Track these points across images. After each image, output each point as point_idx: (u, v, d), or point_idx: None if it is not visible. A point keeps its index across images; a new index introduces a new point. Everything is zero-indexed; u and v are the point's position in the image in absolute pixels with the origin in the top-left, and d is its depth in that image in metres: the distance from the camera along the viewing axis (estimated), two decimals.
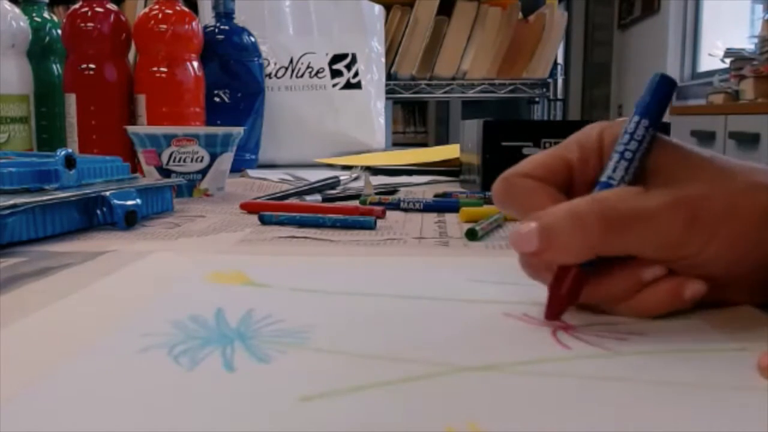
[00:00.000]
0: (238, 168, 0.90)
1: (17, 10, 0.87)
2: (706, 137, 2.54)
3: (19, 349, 0.25)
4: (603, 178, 0.29)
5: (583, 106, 4.52)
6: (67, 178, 0.50)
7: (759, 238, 0.27)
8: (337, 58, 1.17)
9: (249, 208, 0.59)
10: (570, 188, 0.30)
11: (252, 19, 1.08)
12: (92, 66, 0.84)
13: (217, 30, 1.00)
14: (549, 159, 0.30)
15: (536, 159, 0.31)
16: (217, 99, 0.99)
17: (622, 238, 0.27)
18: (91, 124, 0.85)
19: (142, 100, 0.86)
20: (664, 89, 0.30)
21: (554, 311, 0.28)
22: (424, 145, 3.29)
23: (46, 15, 0.95)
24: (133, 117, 0.87)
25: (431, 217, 0.57)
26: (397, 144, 2.38)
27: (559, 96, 1.93)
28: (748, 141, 2.26)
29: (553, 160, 0.30)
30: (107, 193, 0.50)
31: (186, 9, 0.88)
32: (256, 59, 1.03)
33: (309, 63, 1.15)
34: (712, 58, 3.11)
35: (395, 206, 0.60)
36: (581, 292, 0.28)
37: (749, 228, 0.27)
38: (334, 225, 0.51)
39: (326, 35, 1.17)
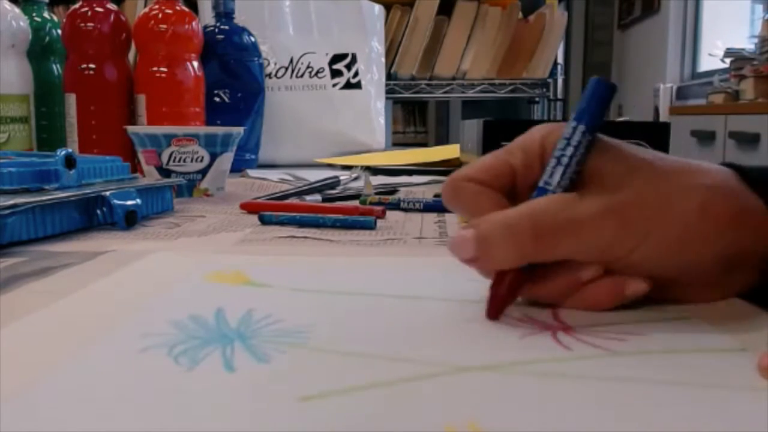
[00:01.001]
0: (238, 168, 0.90)
1: (17, 10, 0.87)
2: (706, 137, 2.54)
3: (19, 349, 0.25)
4: (540, 183, 0.29)
5: None
6: (67, 178, 0.50)
7: (690, 239, 0.28)
8: (337, 58, 1.17)
9: (249, 208, 0.59)
10: (514, 192, 0.31)
11: (252, 19, 1.08)
12: (92, 66, 0.84)
13: (217, 30, 1.00)
14: (494, 163, 0.31)
15: (482, 163, 0.31)
16: (217, 99, 0.99)
17: (554, 246, 0.28)
18: (91, 124, 0.85)
19: (142, 100, 0.86)
20: (602, 93, 0.30)
21: (495, 310, 0.29)
22: (424, 145, 3.29)
23: (46, 15, 0.95)
24: (133, 117, 0.87)
25: (431, 217, 0.57)
26: (397, 144, 2.38)
27: (559, 96, 1.93)
28: (748, 141, 2.26)
29: (498, 165, 0.31)
30: (107, 193, 0.50)
31: (186, 9, 0.88)
32: (256, 59, 1.03)
33: (309, 63, 1.15)
34: (712, 58, 3.11)
35: (395, 206, 0.60)
36: (520, 291, 0.29)
37: (680, 230, 0.28)
38: (334, 225, 0.51)
39: (326, 35, 1.17)
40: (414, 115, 3.86)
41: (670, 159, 0.30)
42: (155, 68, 0.86)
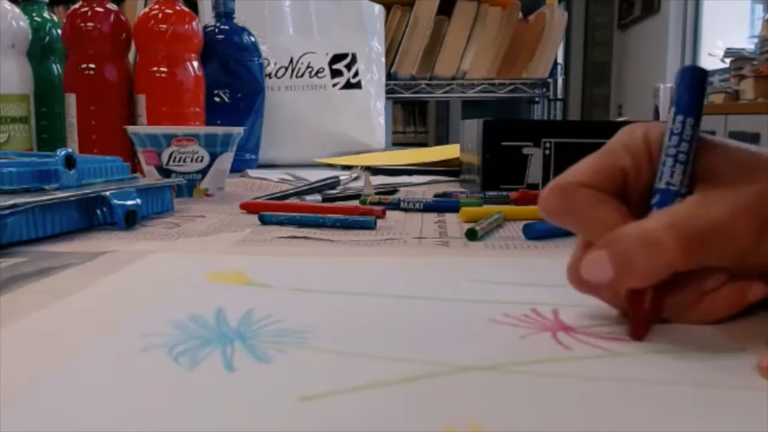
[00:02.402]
0: (238, 168, 0.90)
1: (17, 10, 0.87)
2: None
3: (19, 349, 0.25)
4: (661, 185, 0.27)
5: (583, 106, 4.52)
6: (67, 178, 0.50)
7: None
8: (337, 58, 1.17)
9: (249, 208, 0.59)
10: (624, 196, 0.29)
11: (252, 19, 1.08)
12: (92, 66, 0.84)
13: (217, 30, 1.00)
14: (603, 166, 0.28)
15: (588, 167, 0.28)
16: (217, 99, 0.99)
17: (701, 255, 0.26)
18: (91, 124, 0.85)
19: (142, 100, 0.86)
20: (698, 81, 0.28)
21: (641, 330, 0.26)
22: (424, 145, 3.29)
23: (46, 15, 0.95)
24: (133, 117, 0.87)
25: (431, 217, 0.57)
26: (397, 144, 2.38)
27: (559, 96, 1.93)
28: (748, 141, 2.26)
29: (608, 168, 0.28)
30: (107, 193, 0.50)
31: (186, 9, 0.88)
32: (256, 59, 1.03)
33: (309, 63, 1.15)
34: (712, 58, 3.11)
35: (395, 206, 0.60)
36: (663, 305, 0.27)
37: None
38: (334, 225, 0.51)
39: (326, 35, 1.17)
40: (414, 115, 3.86)
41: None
42: (155, 68, 0.86)
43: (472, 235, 0.47)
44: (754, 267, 0.27)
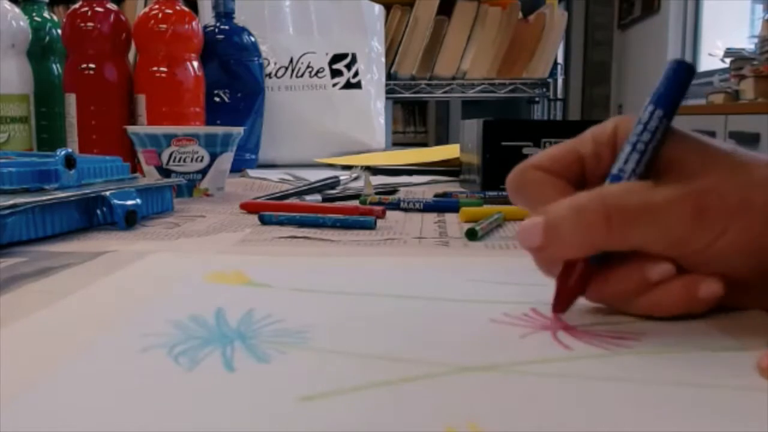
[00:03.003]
0: (238, 168, 0.90)
1: (17, 10, 0.87)
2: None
3: (19, 349, 0.25)
4: (614, 171, 0.28)
5: (583, 106, 4.52)
6: (67, 178, 0.50)
7: None
8: (337, 58, 1.17)
9: (249, 208, 0.59)
10: (583, 182, 0.30)
11: (252, 19, 1.08)
12: (92, 66, 0.84)
13: (217, 30, 1.00)
14: (562, 152, 0.30)
15: (550, 152, 0.30)
16: (217, 99, 0.99)
17: (627, 233, 0.26)
18: (91, 124, 0.85)
19: (142, 100, 0.86)
20: (681, 76, 0.28)
21: (562, 304, 0.28)
22: (424, 145, 3.29)
23: (46, 15, 0.95)
24: (133, 117, 0.87)
25: (431, 217, 0.57)
26: (397, 144, 2.38)
27: (559, 96, 1.93)
28: (748, 141, 2.26)
29: (567, 153, 0.30)
30: (107, 193, 0.50)
31: (186, 9, 0.88)
32: (256, 59, 1.03)
33: (309, 63, 1.15)
34: (712, 58, 3.11)
35: (395, 206, 0.60)
36: (588, 285, 0.28)
37: (760, 226, 0.26)
38: (334, 225, 0.51)
39: (326, 35, 1.17)
40: (414, 115, 3.86)
41: (748, 152, 0.28)
42: (155, 68, 0.86)
43: (472, 235, 0.47)
44: (698, 263, 0.27)
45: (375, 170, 0.95)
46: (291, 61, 1.15)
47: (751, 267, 0.27)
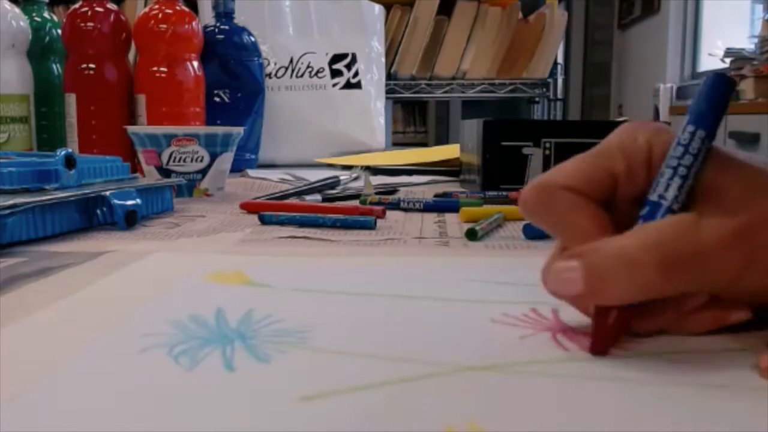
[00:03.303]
0: (238, 168, 0.90)
1: (17, 10, 0.87)
2: None
3: (19, 349, 0.25)
4: (653, 197, 0.25)
5: (583, 106, 4.52)
6: (67, 178, 0.50)
7: None
8: (337, 58, 1.17)
9: (249, 208, 0.59)
10: (612, 201, 0.27)
11: (252, 19, 1.08)
12: (92, 66, 0.84)
13: (217, 30, 1.00)
14: (592, 169, 0.27)
15: (576, 167, 0.27)
16: (217, 99, 0.99)
17: (683, 282, 0.24)
18: (91, 124, 0.85)
19: (142, 100, 0.86)
20: (721, 92, 0.26)
21: (601, 346, 0.25)
22: (424, 145, 3.29)
23: (46, 15, 0.95)
24: (133, 117, 0.87)
25: (431, 217, 0.57)
26: (397, 144, 2.38)
27: (559, 96, 1.93)
28: (748, 141, 2.26)
29: (597, 171, 0.27)
30: (107, 193, 0.50)
31: (186, 9, 0.88)
32: (256, 59, 1.03)
33: (309, 63, 1.15)
34: (712, 58, 3.11)
35: (395, 206, 0.60)
36: (629, 323, 0.26)
37: None
38: (334, 225, 0.51)
39: (326, 35, 1.17)
40: (414, 115, 3.86)
41: None
42: (155, 68, 0.86)
43: (472, 235, 0.47)
44: (737, 294, 0.26)
45: (375, 170, 0.95)
46: (291, 61, 1.15)
47: None
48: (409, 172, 0.93)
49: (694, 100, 0.26)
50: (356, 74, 1.18)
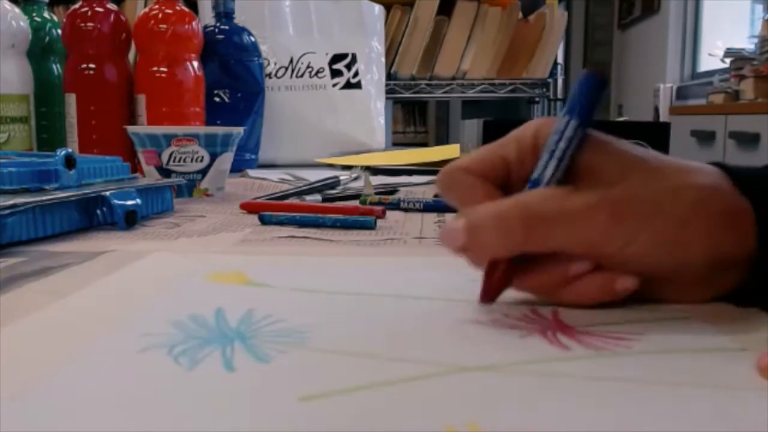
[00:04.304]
0: (238, 168, 0.90)
1: (17, 10, 0.87)
2: (706, 137, 2.54)
3: (19, 349, 0.25)
4: (533, 176, 0.30)
5: None
6: (67, 178, 0.50)
7: (681, 238, 0.28)
8: (337, 58, 1.17)
9: (249, 208, 0.59)
10: (507, 184, 0.31)
11: (252, 19, 1.08)
12: (92, 66, 0.84)
13: (217, 30, 1.00)
14: (488, 155, 0.31)
15: (477, 155, 0.32)
16: (217, 99, 0.99)
17: (544, 238, 0.28)
18: (91, 124, 0.85)
19: (142, 100, 0.86)
20: (592, 86, 0.30)
21: (487, 297, 0.30)
22: (424, 145, 3.29)
23: (46, 15, 0.95)
24: (133, 117, 0.87)
25: (431, 217, 0.57)
26: (397, 144, 2.38)
27: (559, 96, 1.93)
28: (748, 141, 2.26)
29: (492, 157, 0.31)
30: (107, 193, 0.50)
31: (186, 9, 0.88)
32: (256, 59, 1.03)
33: (309, 63, 1.15)
34: (712, 58, 3.11)
35: (395, 206, 0.60)
36: (512, 279, 0.30)
37: (672, 229, 0.28)
38: (334, 225, 0.51)
39: (326, 35, 1.17)
40: (414, 115, 3.86)
41: (664, 157, 0.30)
42: (155, 68, 0.86)
43: None
44: (614, 263, 0.29)
45: (375, 170, 0.95)
46: (291, 61, 1.15)
47: (665, 264, 0.29)
48: (409, 172, 0.93)
49: (570, 94, 0.30)
50: (356, 74, 1.18)
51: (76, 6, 0.85)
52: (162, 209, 0.59)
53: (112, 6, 0.86)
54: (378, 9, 1.23)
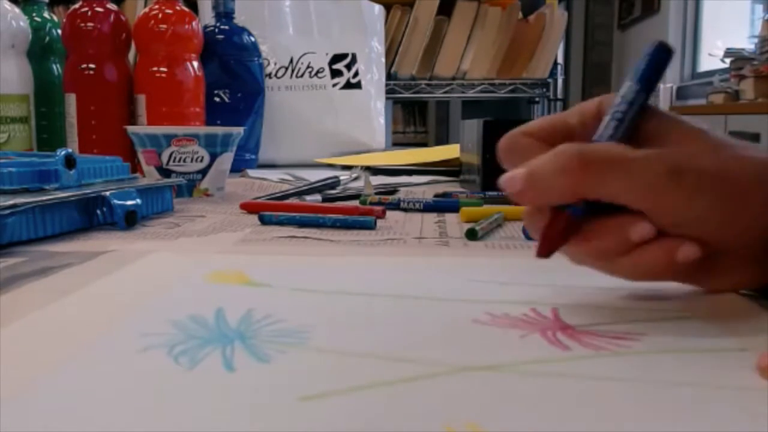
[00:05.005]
0: (238, 168, 0.90)
1: (17, 10, 0.87)
2: None
3: (19, 349, 0.25)
4: (595, 137, 0.30)
5: None
6: (67, 178, 0.50)
7: (743, 208, 0.28)
8: (337, 58, 1.17)
9: (249, 208, 0.59)
10: None
11: (252, 19, 1.08)
12: (92, 66, 0.84)
13: (217, 30, 1.00)
14: (551, 121, 0.32)
15: (540, 120, 0.33)
16: (217, 99, 0.99)
17: (602, 179, 0.28)
18: (91, 124, 0.85)
19: (142, 100, 0.86)
20: (660, 56, 0.31)
21: (544, 249, 0.30)
22: (424, 145, 3.29)
23: (46, 15, 0.95)
24: (133, 117, 0.87)
25: (431, 217, 0.57)
26: (397, 144, 2.38)
27: (559, 96, 1.93)
28: (748, 141, 2.27)
29: (555, 123, 0.32)
30: (107, 193, 0.50)
31: (186, 9, 0.88)
32: (256, 59, 1.03)
33: (309, 63, 1.15)
34: (712, 58, 3.12)
35: (395, 206, 0.60)
36: (570, 236, 0.29)
37: (738, 190, 0.28)
38: (334, 225, 0.51)
39: (326, 35, 1.17)
40: (414, 115, 3.86)
41: (722, 134, 0.30)
42: (155, 68, 0.86)
43: (472, 235, 0.47)
44: (682, 226, 0.28)
45: (375, 170, 0.95)
46: (291, 61, 1.15)
47: (725, 234, 0.28)
48: (409, 172, 0.93)
49: (636, 64, 0.31)
50: (356, 74, 1.18)
51: (76, 6, 0.85)
52: (162, 209, 0.59)
53: (112, 6, 0.86)
54: (378, 9, 1.23)
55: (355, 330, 0.27)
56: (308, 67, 1.15)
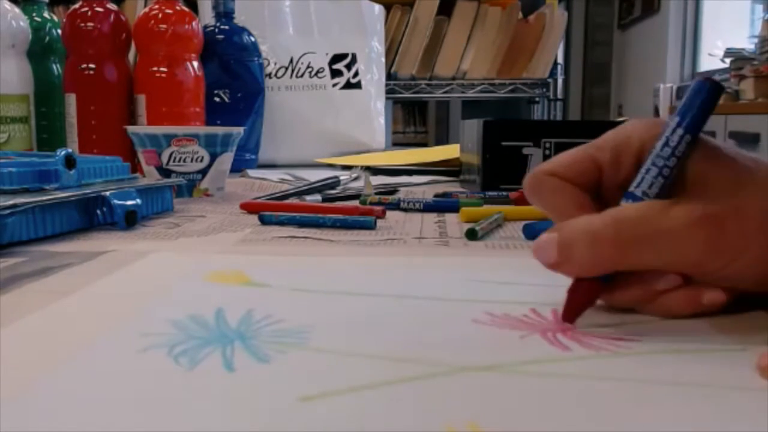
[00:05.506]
0: (238, 168, 0.90)
1: (17, 10, 0.87)
2: None
3: (19, 349, 0.25)
4: (631, 188, 0.28)
5: (583, 106, 4.52)
6: (67, 178, 0.50)
7: None
8: (337, 58, 1.17)
9: (249, 208, 0.59)
10: (599, 190, 0.30)
11: (252, 19, 1.08)
12: (92, 66, 0.84)
13: (217, 30, 1.00)
14: (579, 159, 0.30)
15: (567, 157, 0.30)
16: (217, 99, 0.99)
17: (638, 258, 0.27)
18: (91, 124, 0.85)
19: (142, 100, 0.86)
20: (709, 96, 0.28)
21: (570, 315, 0.28)
22: (424, 145, 3.29)
23: (46, 15, 0.95)
24: (133, 117, 0.87)
25: (431, 217, 0.57)
26: (397, 144, 2.38)
27: (559, 96, 1.93)
28: (748, 141, 2.26)
29: (584, 160, 0.30)
30: (107, 193, 0.50)
31: (186, 9, 0.88)
32: (256, 59, 1.03)
33: (309, 63, 1.15)
34: (712, 58, 3.12)
35: (395, 206, 0.60)
36: (597, 299, 0.29)
37: None
38: (334, 225, 0.51)
39: (326, 35, 1.17)
40: (414, 115, 3.86)
41: None
42: (155, 68, 0.86)
43: (472, 235, 0.47)
44: (717, 282, 0.27)
45: (375, 170, 0.95)
46: (291, 61, 1.15)
47: (765, 283, 0.27)
48: (409, 172, 0.93)
49: (684, 104, 0.28)
50: (356, 74, 1.18)
51: (76, 6, 0.85)
52: (162, 209, 0.59)
53: (112, 6, 0.86)
54: (378, 9, 1.23)
55: (355, 330, 0.27)
56: (308, 67, 1.15)
